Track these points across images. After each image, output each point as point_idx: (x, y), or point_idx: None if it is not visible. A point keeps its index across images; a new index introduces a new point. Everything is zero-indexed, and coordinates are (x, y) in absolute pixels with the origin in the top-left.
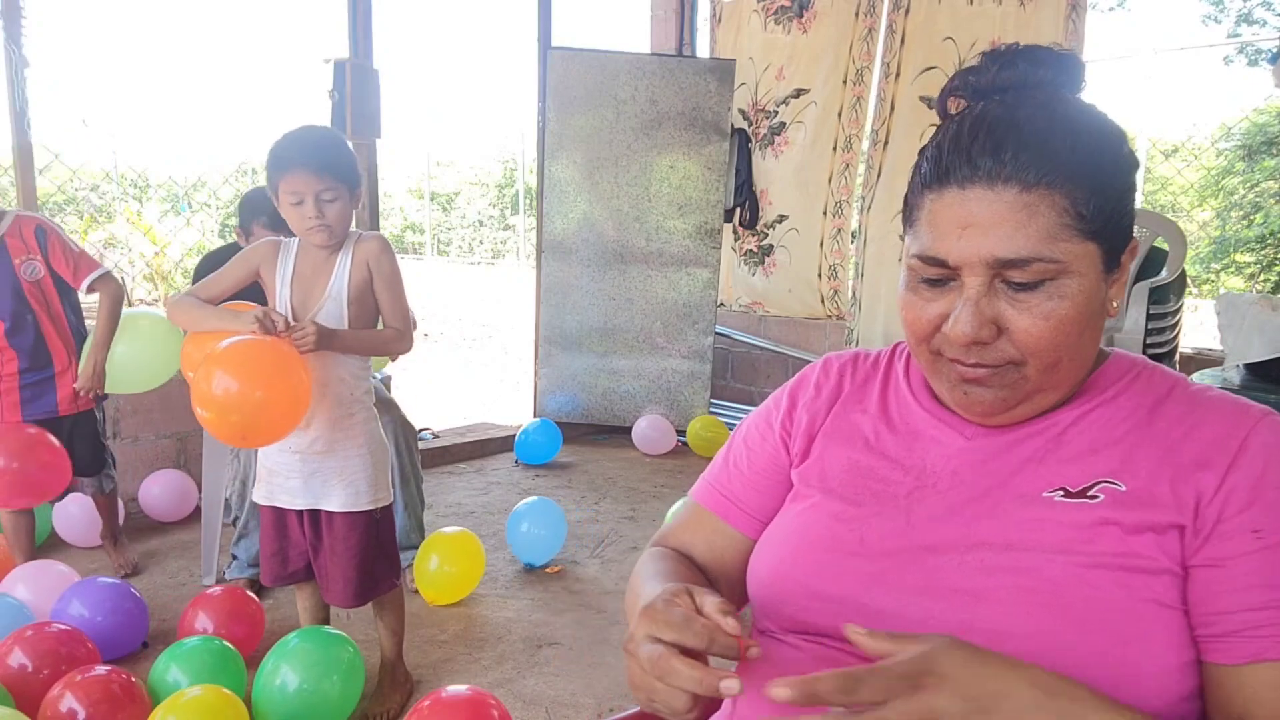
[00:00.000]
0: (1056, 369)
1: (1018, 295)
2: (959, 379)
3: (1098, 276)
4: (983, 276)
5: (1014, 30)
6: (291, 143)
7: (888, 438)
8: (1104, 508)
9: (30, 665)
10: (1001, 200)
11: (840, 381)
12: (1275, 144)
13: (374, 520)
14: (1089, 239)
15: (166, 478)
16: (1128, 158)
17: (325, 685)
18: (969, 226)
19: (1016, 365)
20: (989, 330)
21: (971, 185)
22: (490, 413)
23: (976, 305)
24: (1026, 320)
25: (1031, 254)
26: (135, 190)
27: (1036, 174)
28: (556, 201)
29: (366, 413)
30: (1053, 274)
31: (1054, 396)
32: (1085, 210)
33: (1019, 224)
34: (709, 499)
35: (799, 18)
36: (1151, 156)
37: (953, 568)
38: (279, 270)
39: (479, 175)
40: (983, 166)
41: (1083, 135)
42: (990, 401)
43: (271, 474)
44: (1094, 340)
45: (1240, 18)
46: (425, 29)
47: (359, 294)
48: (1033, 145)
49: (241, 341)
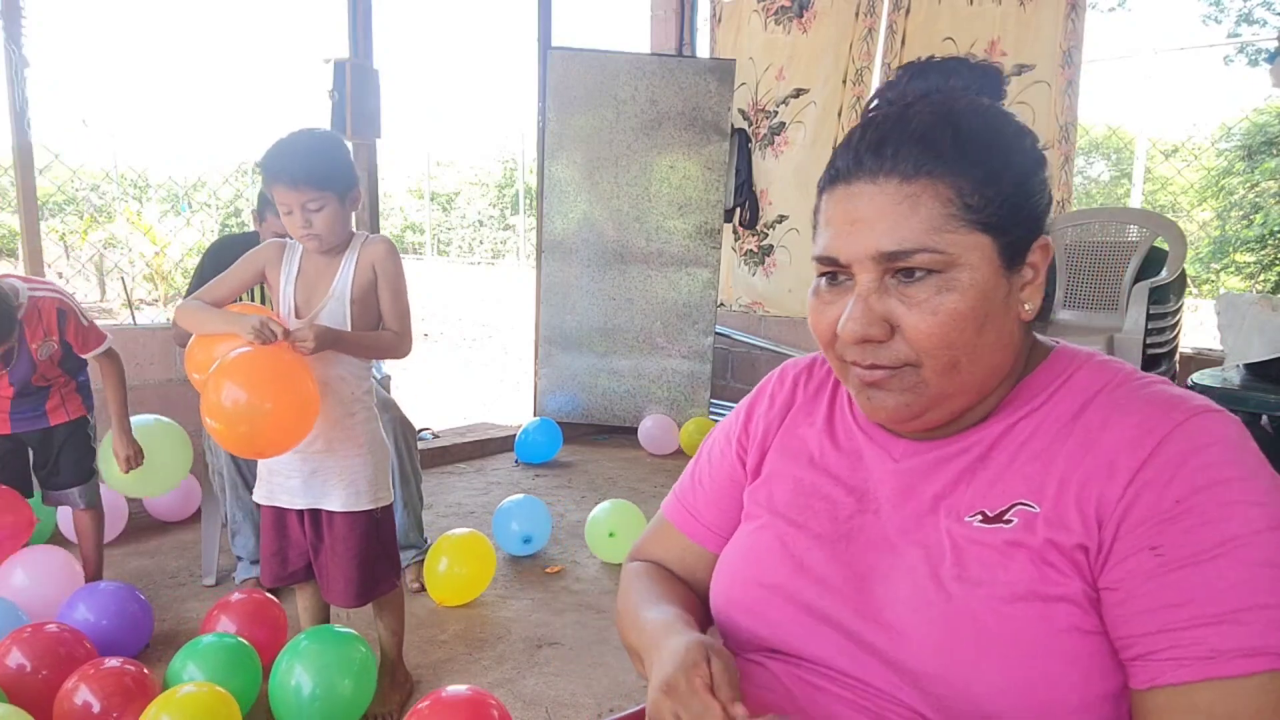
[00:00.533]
0: (955, 370)
1: (907, 290)
2: (861, 384)
3: (993, 271)
4: (872, 273)
5: (1014, 30)
6: (275, 155)
7: (832, 455)
8: (1018, 532)
9: (29, 665)
10: (884, 193)
11: (793, 392)
12: (1275, 144)
13: (374, 520)
14: (979, 230)
15: None
16: (1027, 153)
17: (340, 684)
18: (856, 222)
19: (914, 367)
20: (880, 328)
21: (856, 181)
22: (490, 413)
23: (866, 302)
24: (916, 316)
25: (915, 245)
26: (135, 190)
27: (916, 165)
28: (556, 201)
29: (367, 412)
30: (940, 266)
31: (963, 401)
32: (972, 201)
33: (902, 216)
34: (675, 514)
35: (799, 18)
36: (1151, 156)
37: (884, 598)
38: (283, 270)
39: (479, 175)
40: (866, 162)
41: (971, 128)
42: (893, 407)
43: (272, 473)
44: (1001, 343)
45: (1240, 17)
46: (425, 29)
47: (362, 295)
48: (915, 138)
49: (250, 353)
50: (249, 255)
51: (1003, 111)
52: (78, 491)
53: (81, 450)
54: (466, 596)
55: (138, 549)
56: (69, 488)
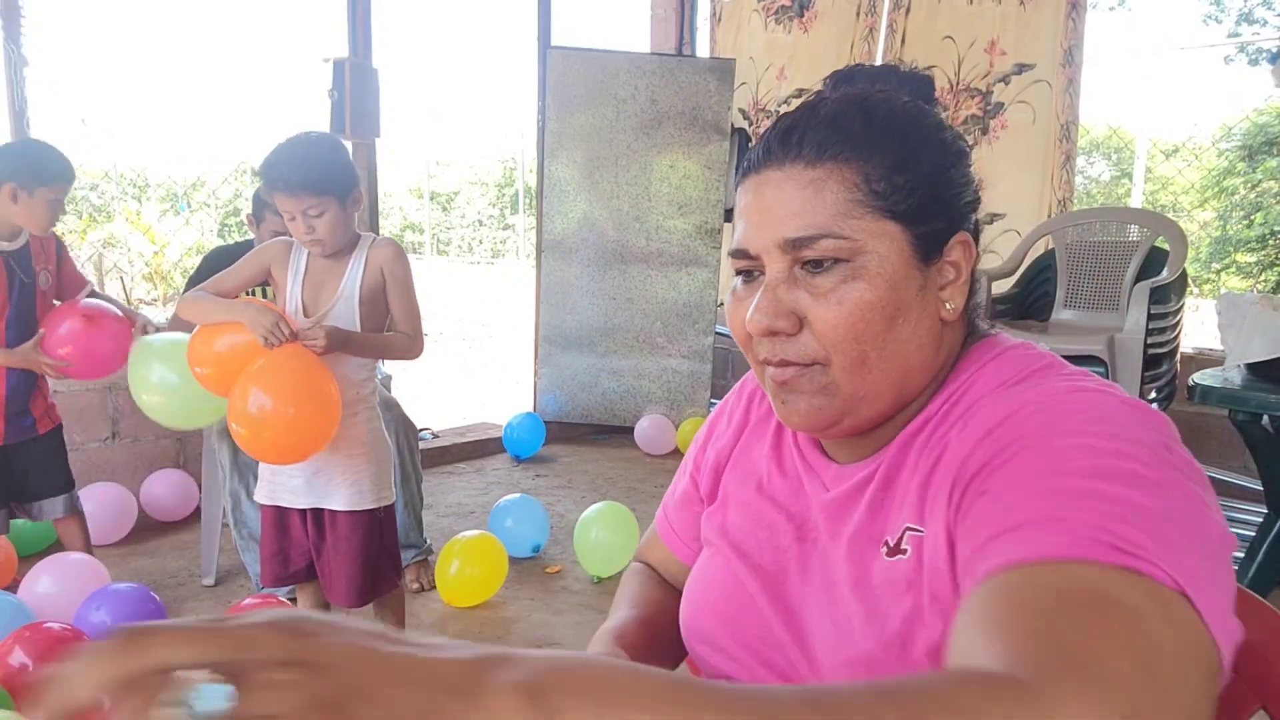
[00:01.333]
0: (864, 367)
1: (814, 280)
2: (774, 385)
3: (903, 262)
4: (780, 263)
5: (1014, 29)
6: (274, 164)
7: (777, 480)
8: (912, 565)
9: (30, 665)
10: (790, 179)
11: (748, 409)
12: (1276, 144)
13: (377, 519)
14: (887, 218)
15: (169, 477)
16: (945, 145)
17: None
18: (763, 211)
19: (823, 366)
20: (788, 320)
21: (765, 169)
22: (490, 413)
23: (774, 293)
24: (822, 307)
25: (818, 230)
26: (134, 190)
27: (821, 149)
28: (556, 201)
29: (370, 412)
30: (846, 253)
31: (879, 406)
32: (879, 187)
33: (806, 200)
34: (660, 523)
35: (800, 17)
36: (1152, 156)
37: (814, 635)
38: (291, 268)
39: (479, 175)
40: (774, 150)
41: (882, 115)
42: (805, 410)
43: (274, 473)
44: (918, 341)
45: (1241, 17)
46: (425, 29)
47: (370, 296)
48: (823, 123)
49: (273, 359)
50: (255, 252)
51: (921, 106)
52: (63, 500)
53: (62, 457)
54: (479, 597)
55: (137, 549)
56: (55, 495)
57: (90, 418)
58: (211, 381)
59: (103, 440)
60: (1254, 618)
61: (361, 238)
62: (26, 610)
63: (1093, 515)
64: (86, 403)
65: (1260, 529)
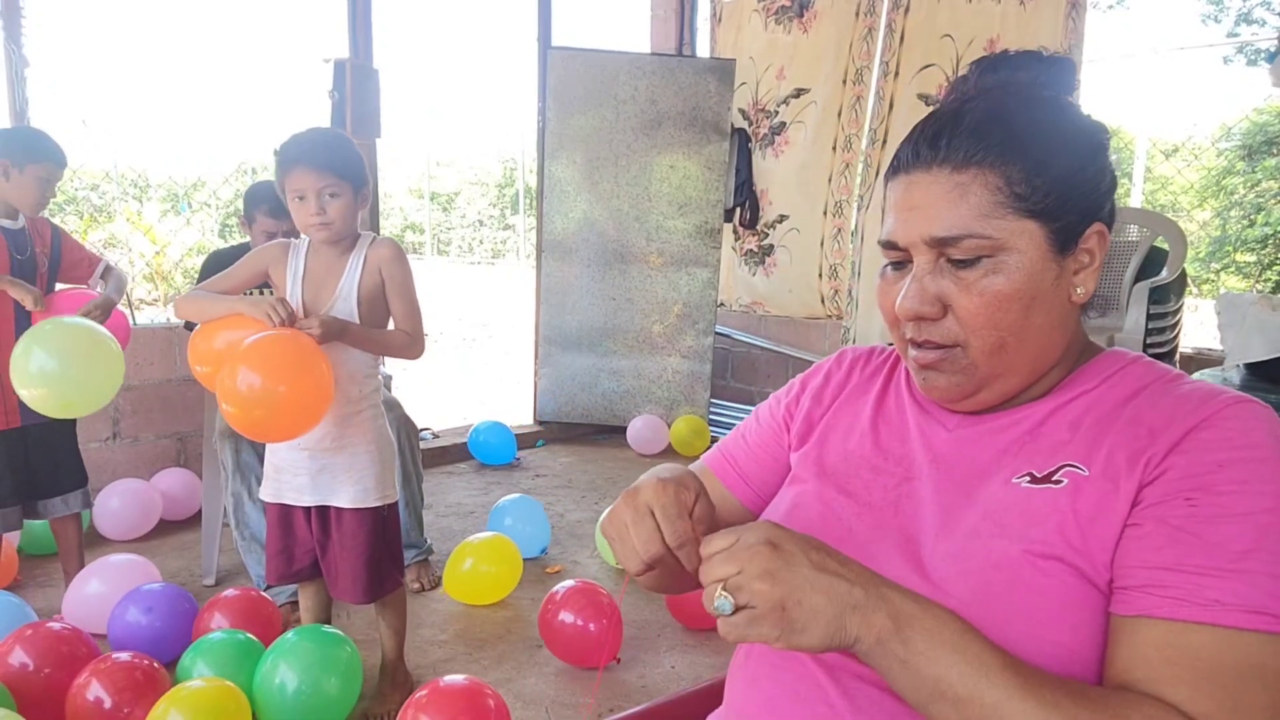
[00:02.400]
0: (1002, 350)
1: (959, 273)
2: (917, 365)
3: (1041, 256)
4: (927, 256)
5: (1013, 29)
6: (297, 141)
7: (883, 429)
8: (1065, 493)
9: (31, 665)
10: (937, 182)
11: (850, 373)
12: (1275, 143)
13: (381, 517)
14: (1028, 217)
15: (171, 477)
16: (1082, 142)
17: (324, 683)
18: (912, 209)
19: (963, 348)
20: (933, 306)
21: (914, 170)
22: (490, 413)
23: (920, 282)
24: (965, 297)
25: (963, 230)
26: (135, 190)
27: (966, 155)
28: (556, 201)
29: (374, 410)
30: (988, 250)
31: (1014, 382)
32: (1021, 189)
33: (952, 202)
34: (715, 463)
35: (799, 17)
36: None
37: (928, 556)
38: (289, 268)
39: (479, 175)
40: (923, 153)
41: (1023, 120)
42: (945, 387)
43: (279, 471)
44: (1050, 325)
45: (1240, 17)
46: (425, 29)
47: (370, 296)
48: (967, 129)
49: (265, 338)
50: (254, 253)
51: (1060, 102)
52: (78, 494)
53: (75, 451)
54: (493, 597)
55: (137, 549)
56: (72, 491)
57: (91, 418)
58: (212, 380)
59: (103, 440)
60: None
61: (361, 236)
62: (27, 610)
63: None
64: None
65: None
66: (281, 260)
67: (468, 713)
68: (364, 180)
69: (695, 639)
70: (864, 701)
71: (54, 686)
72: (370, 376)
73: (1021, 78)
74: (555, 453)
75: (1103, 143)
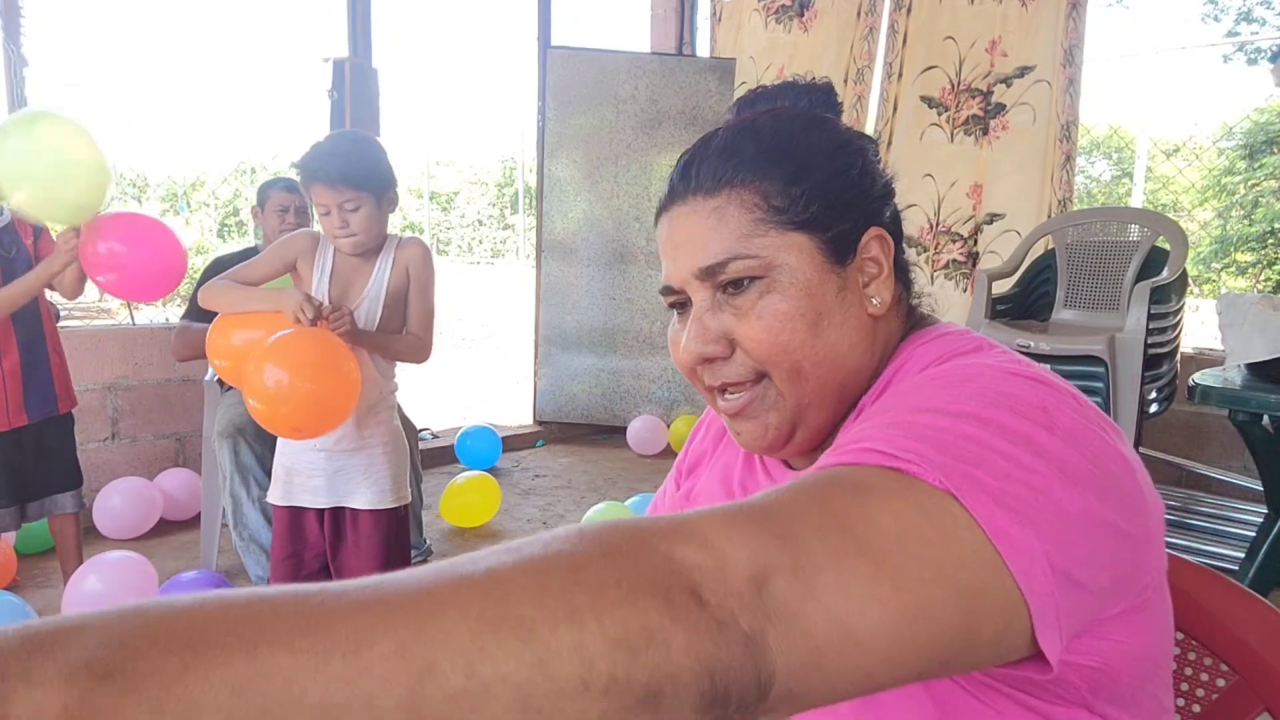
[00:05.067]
0: (801, 376)
1: (735, 301)
2: (729, 416)
3: (816, 268)
4: (703, 293)
5: (1015, 29)
6: (314, 156)
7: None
8: None
9: None
10: (695, 212)
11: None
12: (1276, 142)
13: (397, 518)
14: (793, 229)
15: (173, 477)
16: (838, 147)
17: None
18: (678, 246)
19: (768, 380)
20: (719, 344)
21: (673, 206)
22: (490, 413)
23: (701, 321)
24: (746, 324)
25: (726, 254)
26: (134, 190)
27: (717, 177)
28: (556, 201)
29: (390, 412)
30: (758, 270)
31: (826, 413)
32: (779, 201)
33: (711, 229)
34: None
35: (800, 17)
36: (1153, 155)
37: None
38: (317, 264)
39: (479, 175)
40: (677, 187)
41: (772, 132)
42: (760, 433)
43: (291, 474)
44: (847, 341)
45: (1240, 16)
46: (425, 28)
47: (395, 298)
48: (716, 153)
49: (293, 334)
50: (283, 242)
51: (811, 115)
52: (73, 495)
53: (73, 451)
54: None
55: (136, 548)
56: (67, 491)
57: (90, 418)
58: (231, 374)
59: (102, 440)
60: (1255, 618)
61: (390, 238)
62: (27, 610)
63: (893, 434)
64: (86, 403)
65: (1260, 529)
66: (310, 253)
67: None
68: (388, 185)
69: None
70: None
71: None
72: (389, 379)
73: (782, 104)
74: (555, 453)
75: (863, 147)
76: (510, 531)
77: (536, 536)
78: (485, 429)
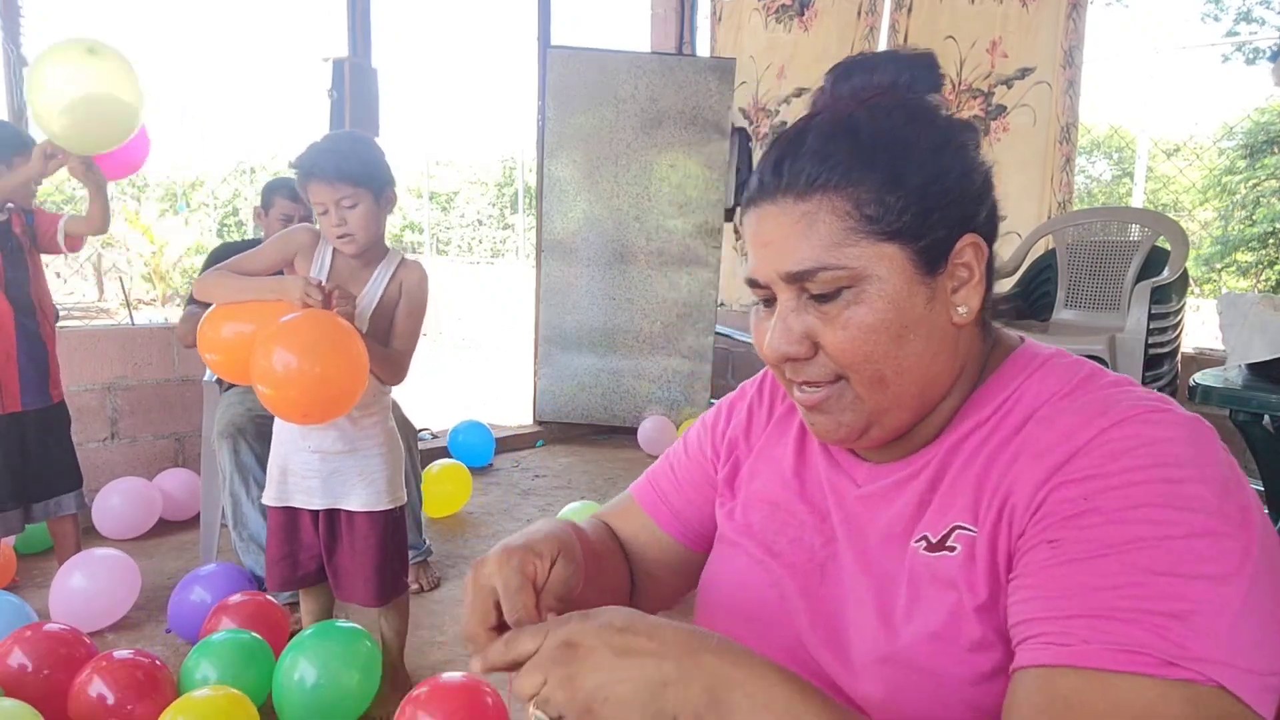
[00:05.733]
0: (883, 384)
1: (822, 307)
2: (804, 407)
3: (906, 280)
4: (788, 292)
5: (1015, 29)
6: (310, 153)
7: (806, 476)
8: (957, 563)
9: (30, 665)
10: (784, 213)
11: (771, 405)
12: (1276, 142)
13: (393, 519)
14: (885, 240)
15: (172, 477)
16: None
17: (344, 678)
18: (765, 245)
19: (846, 381)
20: (803, 345)
21: (761, 203)
22: (490, 413)
23: (785, 321)
24: (831, 332)
25: (814, 263)
26: (134, 190)
27: (808, 181)
28: (556, 201)
29: (385, 412)
30: (846, 281)
31: (904, 416)
32: (872, 211)
33: (800, 234)
34: (643, 494)
35: (800, 16)
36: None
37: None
38: (316, 261)
39: (479, 174)
40: (767, 183)
41: (870, 133)
42: (833, 428)
43: (286, 474)
44: (930, 351)
45: (1240, 16)
46: (425, 28)
47: (384, 312)
48: (809, 153)
49: (299, 317)
50: (282, 235)
51: (915, 105)
52: (74, 496)
53: (72, 452)
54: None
55: (137, 548)
56: (68, 492)
57: (89, 418)
58: (223, 368)
59: (101, 440)
60: None
61: (391, 252)
62: (27, 610)
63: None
64: (85, 403)
65: None
66: (309, 250)
67: (466, 710)
68: (385, 183)
69: None
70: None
71: (53, 686)
72: None
73: (879, 80)
74: (555, 453)
75: (964, 142)
76: (486, 524)
77: None
78: (478, 424)
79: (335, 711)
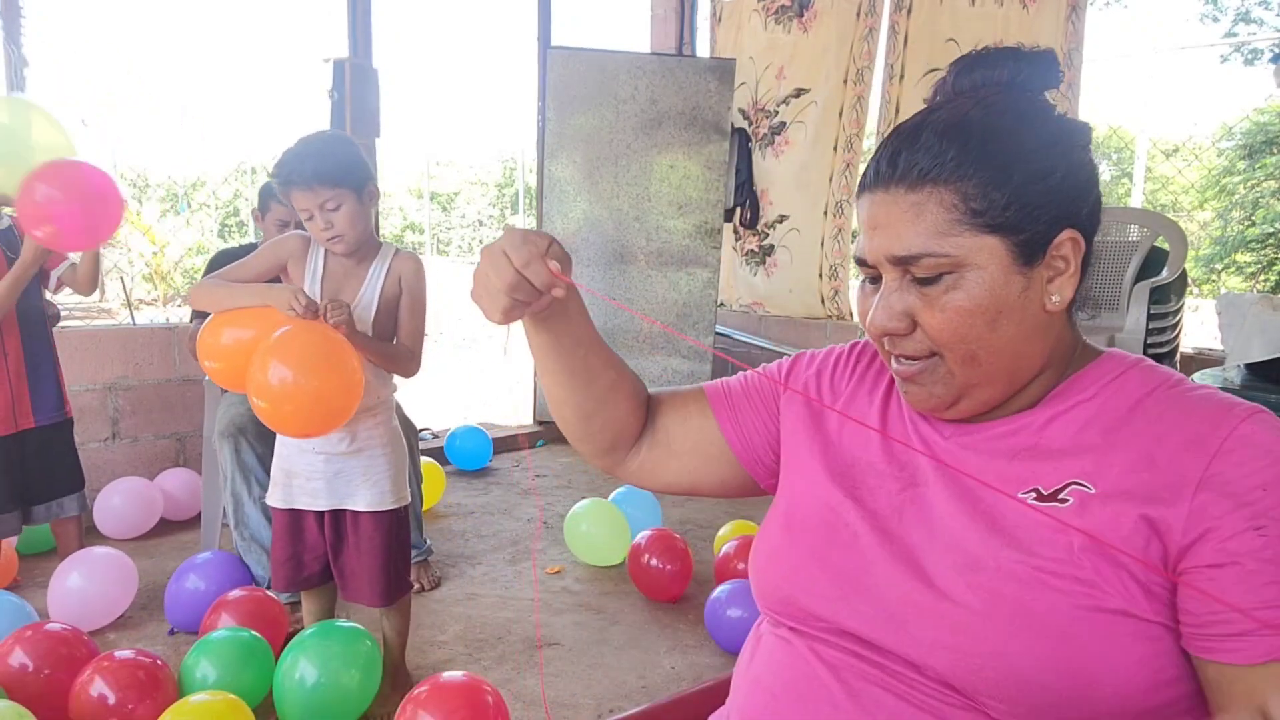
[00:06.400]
0: (975, 362)
1: (923, 289)
2: (900, 377)
3: (1004, 270)
4: (893, 273)
5: (1016, 31)
6: (286, 161)
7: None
8: (1072, 512)
9: (30, 665)
10: (895, 201)
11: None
12: (1276, 143)
13: (398, 519)
14: (988, 233)
15: (173, 477)
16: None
17: (345, 678)
18: (876, 228)
19: (940, 357)
20: (902, 322)
21: (876, 189)
22: (490, 413)
23: (888, 299)
24: (930, 313)
25: (920, 250)
26: (135, 190)
27: (920, 173)
28: (556, 201)
29: (388, 413)
30: (948, 267)
31: (993, 392)
32: (978, 204)
33: (908, 222)
34: (713, 392)
35: (799, 17)
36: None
37: (933, 566)
38: (309, 267)
39: (479, 175)
40: (883, 171)
41: (981, 132)
42: (925, 398)
43: (290, 476)
44: (1022, 335)
45: (1239, 16)
46: (425, 29)
47: (388, 308)
48: (923, 146)
49: (294, 331)
50: (273, 243)
51: (1029, 105)
52: (75, 498)
53: (74, 455)
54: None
55: (137, 548)
56: (69, 494)
57: (90, 418)
58: (222, 376)
59: (102, 441)
60: None
61: (383, 246)
62: (28, 610)
63: None
64: (86, 403)
65: None
66: (301, 256)
67: (466, 709)
68: (365, 179)
69: (695, 639)
70: (868, 701)
71: (54, 686)
72: (386, 381)
73: (1000, 76)
74: (555, 453)
75: (1078, 142)
76: (486, 524)
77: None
78: (475, 429)
79: (336, 711)
